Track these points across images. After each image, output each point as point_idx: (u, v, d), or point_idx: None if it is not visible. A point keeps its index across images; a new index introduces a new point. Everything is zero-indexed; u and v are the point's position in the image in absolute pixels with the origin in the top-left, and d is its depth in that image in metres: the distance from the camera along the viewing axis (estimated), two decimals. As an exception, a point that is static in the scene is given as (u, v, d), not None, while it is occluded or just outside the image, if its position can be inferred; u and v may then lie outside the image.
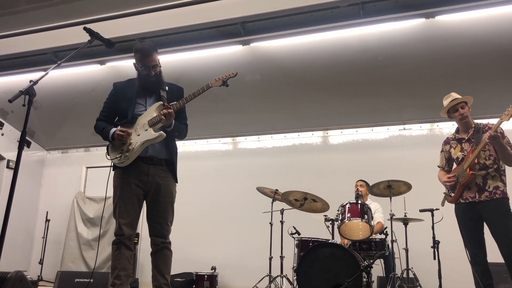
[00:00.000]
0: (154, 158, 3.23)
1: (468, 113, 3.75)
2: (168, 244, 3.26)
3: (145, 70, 3.25)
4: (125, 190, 3.18)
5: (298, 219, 5.21)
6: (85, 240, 7.37)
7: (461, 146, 3.78)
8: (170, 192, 3.28)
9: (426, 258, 4.52)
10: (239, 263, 6.54)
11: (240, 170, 7.11)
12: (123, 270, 3.08)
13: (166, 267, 3.22)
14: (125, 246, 3.11)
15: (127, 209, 3.16)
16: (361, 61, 5.46)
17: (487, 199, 3.50)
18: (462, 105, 3.74)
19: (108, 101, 3.45)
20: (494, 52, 4.94)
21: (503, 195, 3.49)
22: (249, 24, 5.06)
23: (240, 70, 5.86)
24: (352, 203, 4.59)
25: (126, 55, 5.67)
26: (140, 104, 3.32)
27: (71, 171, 8.24)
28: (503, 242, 3.36)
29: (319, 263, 4.14)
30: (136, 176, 3.19)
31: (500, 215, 3.42)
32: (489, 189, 3.51)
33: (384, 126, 6.57)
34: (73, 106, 7.17)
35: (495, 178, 3.53)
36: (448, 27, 4.76)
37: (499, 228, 3.39)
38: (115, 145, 3.26)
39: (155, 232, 3.24)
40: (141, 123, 3.22)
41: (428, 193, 5.49)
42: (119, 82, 3.47)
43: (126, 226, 3.13)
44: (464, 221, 3.64)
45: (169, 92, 3.39)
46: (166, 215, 3.25)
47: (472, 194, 3.58)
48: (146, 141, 3.15)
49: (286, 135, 7.04)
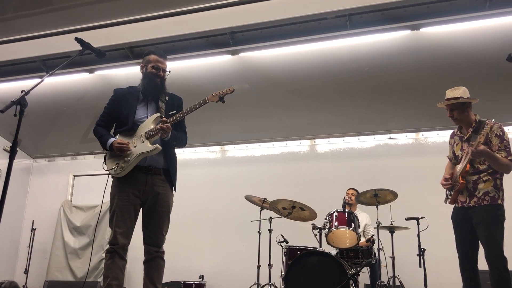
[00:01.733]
0: (152, 167, 3.24)
1: (459, 116, 3.54)
2: (161, 254, 3.27)
3: (155, 69, 3.32)
4: (122, 199, 3.18)
5: (286, 227, 5.24)
6: (71, 249, 7.29)
7: (461, 145, 3.62)
8: (167, 202, 3.29)
9: (412, 266, 4.58)
10: (227, 272, 6.54)
11: (228, 178, 7.13)
12: (115, 280, 3.07)
13: (158, 276, 3.23)
14: (118, 256, 3.11)
15: (124, 218, 3.16)
16: (348, 71, 5.55)
17: (475, 205, 3.40)
18: (451, 107, 3.55)
19: (108, 106, 3.46)
20: (477, 63, 5.06)
21: (491, 201, 3.34)
22: (238, 34, 5.12)
23: (229, 79, 5.97)
24: (339, 211, 4.65)
25: (115, 64, 5.69)
26: (140, 111, 3.35)
27: (57, 179, 8.17)
28: (486, 250, 3.29)
29: (307, 271, 4.17)
30: (134, 185, 3.20)
31: (485, 221, 3.31)
32: (478, 195, 3.39)
33: (370, 135, 6.66)
34: (61, 114, 7.14)
35: (487, 182, 3.39)
36: (433, 39, 4.86)
37: (484, 234, 3.31)
38: (113, 154, 3.27)
39: (149, 241, 3.25)
40: (139, 134, 3.24)
41: (413, 202, 5.61)
42: (120, 88, 3.49)
43: (121, 235, 3.13)
44: (457, 225, 3.56)
45: (170, 101, 3.42)
46: (161, 225, 3.26)
47: (463, 199, 3.50)
48: (141, 153, 3.17)
49: (274, 143, 7.09)
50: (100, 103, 6.83)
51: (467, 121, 3.56)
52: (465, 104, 3.52)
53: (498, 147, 3.37)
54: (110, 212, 3.24)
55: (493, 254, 3.25)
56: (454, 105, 3.52)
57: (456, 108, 3.54)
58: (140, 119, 3.31)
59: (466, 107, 3.53)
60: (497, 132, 3.41)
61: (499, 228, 3.31)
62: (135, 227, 3.26)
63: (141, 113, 3.33)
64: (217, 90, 3.23)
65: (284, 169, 6.91)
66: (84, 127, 7.30)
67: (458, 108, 3.53)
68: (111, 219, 3.20)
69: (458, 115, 3.53)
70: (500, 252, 3.26)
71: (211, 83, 5.70)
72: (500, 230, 3.31)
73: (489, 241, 3.28)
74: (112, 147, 3.21)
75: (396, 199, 4.91)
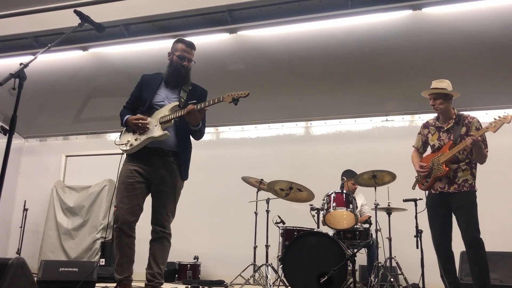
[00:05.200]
0: (160, 149, 3.29)
1: (440, 106, 3.78)
2: (167, 235, 3.32)
3: (181, 59, 3.37)
4: (128, 176, 3.25)
5: (282, 209, 5.22)
6: (64, 230, 7.23)
7: (439, 134, 3.87)
8: (174, 183, 3.35)
9: (409, 248, 4.59)
10: (223, 253, 6.54)
11: (224, 160, 7.08)
12: (125, 257, 3.18)
13: (163, 256, 3.29)
14: (124, 234, 3.17)
15: (129, 195, 3.20)
16: (347, 52, 5.48)
17: (455, 191, 3.66)
18: (434, 96, 3.80)
19: (135, 90, 3.54)
20: (478, 46, 5.02)
21: (470, 188, 3.64)
22: (237, 12, 5.02)
23: (226, 59, 5.88)
24: (337, 192, 4.62)
25: (110, 41, 5.57)
26: (159, 95, 3.41)
27: (49, 159, 8.07)
28: (465, 231, 3.54)
29: (305, 252, 4.16)
30: (141, 165, 3.27)
31: (466, 206, 3.59)
32: (458, 182, 3.67)
33: (367, 117, 6.63)
34: (53, 93, 7.01)
35: (465, 171, 3.67)
36: (434, 20, 4.80)
37: (465, 218, 3.57)
38: (129, 130, 3.37)
39: (155, 220, 3.31)
40: (156, 117, 3.31)
41: (411, 184, 5.59)
42: (147, 74, 3.56)
43: (126, 211, 3.17)
44: (433, 210, 3.81)
45: (192, 92, 3.47)
46: (167, 206, 3.32)
47: (442, 185, 3.74)
48: (151, 137, 3.24)
49: (270, 125, 7.04)
50: (93, 81, 6.81)
51: (447, 112, 3.82)
52: (447, 96, 3.79)
53: None
54: (114, 189, 3.32)
55: (472, 236, 3.51)
56: (438, 94, 3.79)
57: (439, 98, 3.80)
58: (158, 103, 3.38)
59: (448, 99, 3.80)
60: (477, 126, 3.71)
61: (476, 212, 3.60)
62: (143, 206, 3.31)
63: (159, 98, 3.40)
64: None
65: (281, 151, 6.87)
66: (77, 106, 7.19)
67: (441, 98, 3.80)
68: (117, 196, 3.26)
69: (440, 104, 3.79)
70: (478, 233, 3.53)
71: (208, 63, 5.60)
72: (476, 214, 3.60)
73: (469, 223, 3.54)
74: (127, 123, 3.31)
75: (394, 181, 4.90)
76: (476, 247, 3.50)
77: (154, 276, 3.21)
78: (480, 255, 3.49)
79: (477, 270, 3.48)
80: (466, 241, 3.55)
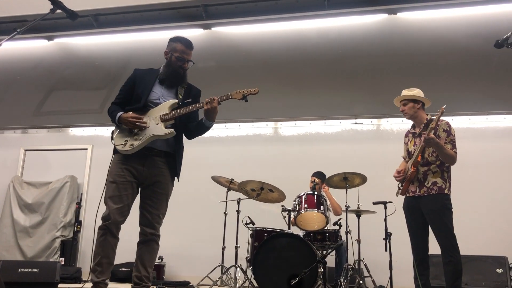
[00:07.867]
0: (153, 149, 3.19)
1: (409, 111, 3.85)
2: (157, 237, 3.23)
3: (180, 61, 3.27)
4: (120, 175, 3.13)
5: (252, 210, 5.15)
6: (21, 227, 6.89)
7: (414, 141, 3.92)
8: (166, 184, 3.26)
9: (378, 250, 4.62)
10: (189, 253, 6.39)
11: (192, 158, 6.89)
12: (106, 258, 3.05)
13: (151, 259, 3.20)
14: (110, 234, 3.05)
15: (120, 195, 3.09)
16: (321, 53, 5.48)
17: (424, 194, 3.67)
18: (404, 102, 3.88)
19: (125, 85, 3.39)
20: (450, 52, 5.11)
21: (439, 191, 3.63)
22: (212, 8, 4.94)
23: (198, 55, 5.70)
24: (309, 193, 4.60)
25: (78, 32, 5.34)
26: (155, 93, 3.28)
27: (6, 153, 7.65)
28: (437, 236, 3.57)
29: (275, 253, 4.10)
30: (132, 164, 3.15)
31: (434, 210, 3.60)
32: (427, 185, 3.67)
33: (336, 119, 6.65)
34: (13, 83, 6.67)
35: (436, 174, 3.68)
36: (409, 25, 4.87)
37: (434, 222, 3.60)
38: (122, 130, 3.21)
39: (145, 222, 3.20)
40: (153, 115, 3.18)
41: (381, 186, 5.62)
42: (139, 68, 3.43)
43: (116, 211, 3.06)
44: (409, 213, 3.81)
45: (187, 91, 3.38)
46: (159, 207, 3.23)
47: (413, 189, 3.76)
48: (155, 135, 3.13)
49: (240, 124, 6.95)
50: (57, 72, 6.53)
51: (419, 118, 3.87)
52: (417, 102, 3.86)
53: (445, 140, 3.69)
54: (104, 188, 3.17)
55: (445, 239, 3.54)
56: (407, 101, 3.88)
57: (407, 104, 3.88)
58: (153, 100, 3.25)
59: (418, 106, 3.87)
60: (444, 128, 3.74)
61: (447, 215, 3.60)
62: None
63: (155, 95, 3.27)
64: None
65: (250, 151, 6.79)
66: (39, 98, 6.87)
67: (410, 104, 3.87)
68: (106, 195, 3.13)
69: (409, 110, 3.86)
70: (451, 237, 3.55)
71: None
72: (449, 217, 3.60)
73: (440, 227, 3.57)
74: (121, 121, 3.16)
75: (364, 184, 4.92)
76: (450, 250, 3.51)
77: (142, 279, 3.12)
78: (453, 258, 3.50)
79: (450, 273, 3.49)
80: (440, 245, 3.56)
